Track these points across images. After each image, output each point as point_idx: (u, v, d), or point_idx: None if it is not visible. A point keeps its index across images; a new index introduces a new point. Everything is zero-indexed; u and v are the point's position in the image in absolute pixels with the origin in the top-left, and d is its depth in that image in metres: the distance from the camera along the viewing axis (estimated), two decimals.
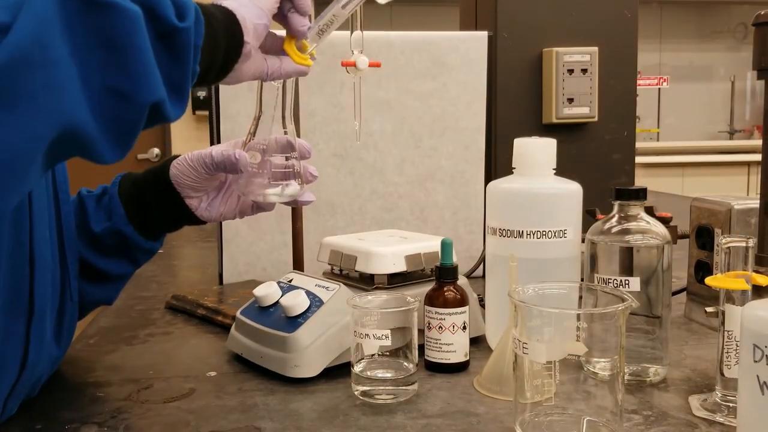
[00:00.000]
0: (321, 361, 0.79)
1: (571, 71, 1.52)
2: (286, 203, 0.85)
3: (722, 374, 0.69)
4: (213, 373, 0.83)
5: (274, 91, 0.82)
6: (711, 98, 5.32)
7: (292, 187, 0.81)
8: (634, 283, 0.76)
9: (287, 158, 0.82)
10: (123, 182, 0.86)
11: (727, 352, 0.69)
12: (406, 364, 0.76)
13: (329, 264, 0.91)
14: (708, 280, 0.70)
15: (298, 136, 1.05)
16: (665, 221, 1.23)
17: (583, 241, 0.83)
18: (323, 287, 0.83)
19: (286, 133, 0.82)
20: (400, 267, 0.86)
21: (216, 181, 0.85)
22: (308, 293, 0.82)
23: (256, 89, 0.82)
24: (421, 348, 0.81)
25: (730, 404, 0.68)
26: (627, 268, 0.77)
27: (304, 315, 0.80)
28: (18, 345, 0.68)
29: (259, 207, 0.87)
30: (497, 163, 1.34)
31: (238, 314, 0.87)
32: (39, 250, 0.70)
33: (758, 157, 0.81)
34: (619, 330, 0.61)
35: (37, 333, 0.70)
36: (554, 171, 0.85)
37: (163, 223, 0.86)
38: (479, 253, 1.22)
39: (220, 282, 1.21)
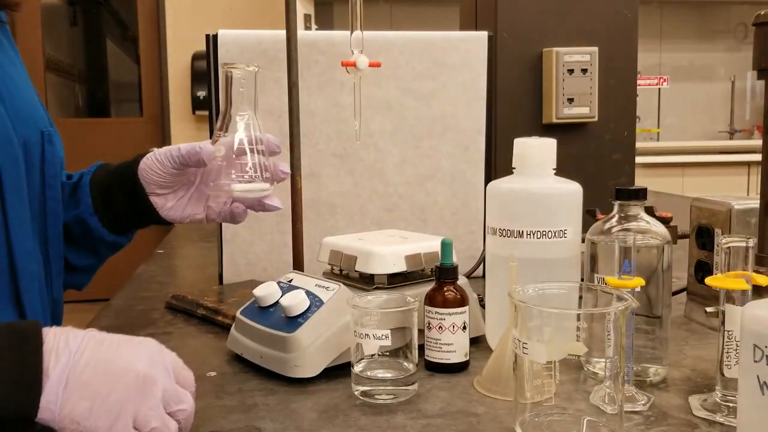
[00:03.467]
0: (321, 361, 0.79)
1: (571, 71, 1.52)
2: (252, 204, 0.84)
3: (722, 374, 0.69)
4: (213, 373, 0.82)
5: (239, 86, 0.82)
6: (711, 98, 5.32)
7: (259, 184, 0.81)
8: None
9: (253, 153, 0.82)
10: (97, 171, 0.84)
11: (727, 352, 0.69)
12: (406, 364, 0.76)
13: (329, 264, 0.91)
14: (708, 280, 0.70)
15: (298, 135, 1.05)
16: (665, 221, 1.23)
17: (583, 241, 0.83)
18: (323, 287, 0.83)
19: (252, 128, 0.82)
20: (400, 267, 0.86)
21: (184, 178, 0.83)
22: (308, 293, 0.82)
23: (221, 84, 0.82)
24: (421, 348, 0.81)
25: (730, 404, 0.68)
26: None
27: (304, 315, 0.80)
28: None
29: (229, 214, 0.85)
30: (497, 163, 1.34)
31: (238, 314, 0.87)
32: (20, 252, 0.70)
33: (758, 157, 0.81)
34: (619, 330, 0.61)
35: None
36: (554, 171, 0.85)
37: (127, 219, 0.84)
38: (479, 253, 1.22)
39: (220, 282, 1.21)
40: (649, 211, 0.88)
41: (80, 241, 0.84)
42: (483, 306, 0.91)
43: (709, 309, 0.80)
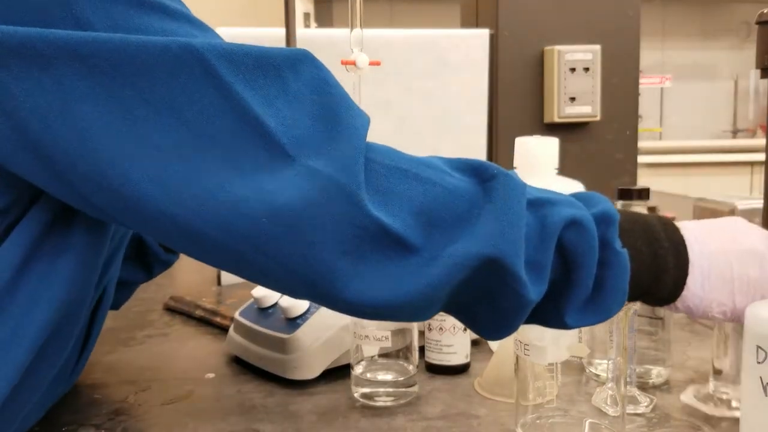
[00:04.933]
0: (320, 363, 0.78)
1: (573, 70, 1.51)
2: None
3: (714, 368, 0.70)
4: (211, 375, 0.82)
5: None
6: (714, 97, 5.31)
7: None
8: None
9: None
10: None
11: (720, 345, 0.69)
12: (406, 365, 0.75)
13: None
14: None
15: None
16: None
17: None
18: None
19: None
20: None
21: None
22: None
23: None
24: (422, 350, 0.80)
25: (724, 396, 0.68)
26: None
27: (304, 316, 0.79)
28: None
29: None
30: (499, 163, 1.33)
31: (236, 315, 0.86)
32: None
33: (761, 156, 0.80)
34: (622, 331, 0.61)
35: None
36: (557, 170, 0.84)
37: None
38: None
39: (219, 283, 1.21)
40: (652, 211, 0.88)
41: (132, 257, 0.85)
42: None
43: None
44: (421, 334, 0.80)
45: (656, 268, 0.58)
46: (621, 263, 0.55)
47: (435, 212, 0.51)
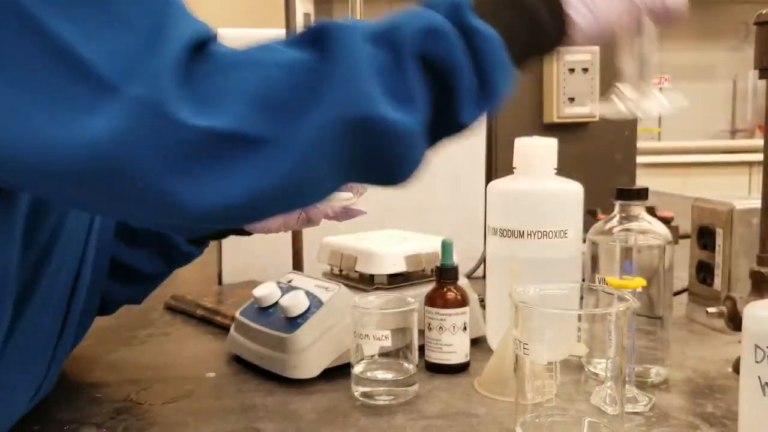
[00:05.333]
0: (320, 362, 0.79)
1: (572, 70, 1.51)
2: (336, 214, 0.83)
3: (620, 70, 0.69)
4: (212, 374, 0.82)
5: None
6: (712, 98, 5.31)
7: (345, 193, 0.80)
8: None
9: None
10: None
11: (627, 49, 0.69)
12: (406, 365, 0.75)
13: (329, 264, 0.91)
14: None
15: None
16: (666, 221, 1.22)
17: (584, 241, 0.83)
18: (323, 288, 0.83)
19: None
20: (400, 267, 0.86)
21: None
22: (308, 294, 0.82)
23: None
24: (422, 349, 0.81)
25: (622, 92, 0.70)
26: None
27: (304, 316, 0.79)
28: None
29: (304, 220, 0.83)
30: (497, 163, 1.33)
31: (237, 315, 0.87)
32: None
33: (760, 156, 0.80)
34: (621, 331, 0.61)
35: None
36: (555, 171, 0.84)
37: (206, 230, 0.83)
38: (479, 253, 1.22)
39: (219, 282, 1.21)
40: (651, 211, 0.88)
41: (152, 247, 0.84)
42: (483, 306, 0.91)
43: (710, 309, 0.79)
44: (421, 333, 0.80)
45: (529, 25, 0.56)
46: (490, 40, 0.53)
47: (275, 94, 0.47)
